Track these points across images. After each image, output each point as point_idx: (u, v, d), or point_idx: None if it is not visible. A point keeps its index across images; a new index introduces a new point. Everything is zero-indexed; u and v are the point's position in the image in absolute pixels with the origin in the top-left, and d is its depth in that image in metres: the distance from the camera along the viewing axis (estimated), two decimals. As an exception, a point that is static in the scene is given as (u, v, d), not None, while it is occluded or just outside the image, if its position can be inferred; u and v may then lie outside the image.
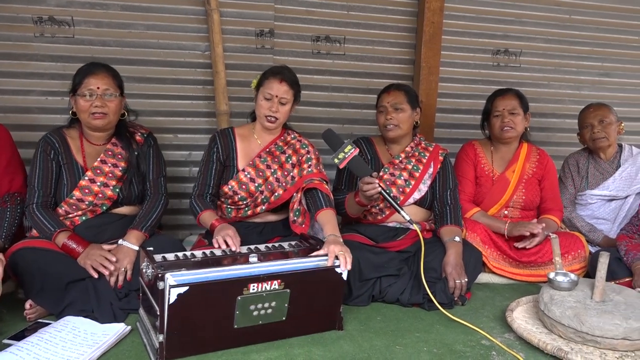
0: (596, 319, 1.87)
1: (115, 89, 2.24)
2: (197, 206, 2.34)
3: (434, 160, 2.66)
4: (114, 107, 2.24)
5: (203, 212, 2.31)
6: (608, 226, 2.95)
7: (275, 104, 2.37)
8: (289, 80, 2.39)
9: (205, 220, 2.29)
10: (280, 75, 2.38)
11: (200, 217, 2.31)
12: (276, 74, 2.39)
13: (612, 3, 3.60)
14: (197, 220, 2.33)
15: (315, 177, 2.40)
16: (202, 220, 2.31)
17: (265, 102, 2.38)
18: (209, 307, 1.72)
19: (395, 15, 3.34)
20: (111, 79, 2.23)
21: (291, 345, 1.87)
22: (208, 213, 2.30)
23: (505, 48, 3.52)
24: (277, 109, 2.38)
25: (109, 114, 2.22)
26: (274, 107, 2.37)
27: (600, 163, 3.04)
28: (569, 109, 3.61)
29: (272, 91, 2.36)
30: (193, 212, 2.36)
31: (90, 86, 2.18)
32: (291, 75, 2.42)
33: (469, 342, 1.96)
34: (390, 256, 2.41)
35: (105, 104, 2.20)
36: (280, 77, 2.37)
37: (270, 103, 2.37)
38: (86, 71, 2.21)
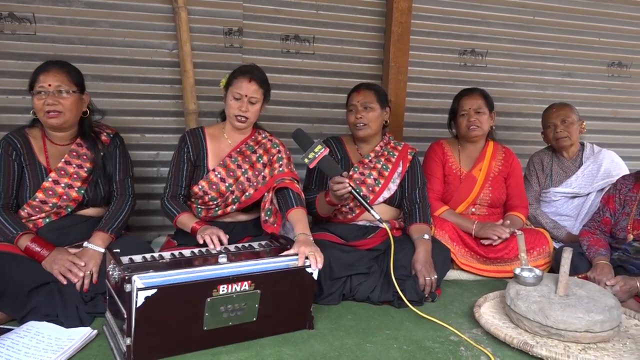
0: (560, 313, 1.93)
1: (69, 86, 2.17)
2: (172, 208, 2.30)
3: (402, 159, 2.69)
4: (69, 105, 2.17)
5: (181, 214, 2.27)
6: (571, 222, 3.04)
7: (244, 104, 2.35)
8: (258, 79, 2.38)
9: (185, 222, 2.25)
10: (250, 75, 2.36)
11: (178, 219, 2.27)
12: (245, 73, 2.37)
13: (573, 5, 3.70)
14: (174, 223, 2.30)
15: (286, 177, 2.39)
16: (180, 222, 2.27)
17: (234, 102, 2.36)
18: (177, 310, 1.70)
19: (364, 15, 3.36)
20: (64, 75, 2.16)
21: (262, 345, 1.86)
22: (187, 216, 2.27)
23: (471, 48, 3.58)
24: (246, 108, 2.36)
25: (63, 112, 2.16)
26: (244, 107, 2.35)
27: (563, 161, 3.12)
28: (533, 108, 3.70)
29: (242, 91, 2.35)
30: (168, 215, 2.32)
31: (41, 84, 2.13)
32: (260, 74, 2.41)
33: (438, 338, 1.99)
34: (361, 255, 2.42)
35: (59, 101, 2.14)
36: (250, 77, 2.36)
37: (239, 103, 2.36)
38: (39, 69, 2.16)
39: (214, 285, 1.73)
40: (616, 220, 2.55)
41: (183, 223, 2.25)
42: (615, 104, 3.92)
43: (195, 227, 2.18)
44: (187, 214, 2.28)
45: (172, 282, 1.67)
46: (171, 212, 2.30)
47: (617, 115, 3.94)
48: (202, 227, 2.15)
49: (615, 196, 2.60)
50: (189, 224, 2.22)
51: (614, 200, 2.60)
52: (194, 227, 2.19)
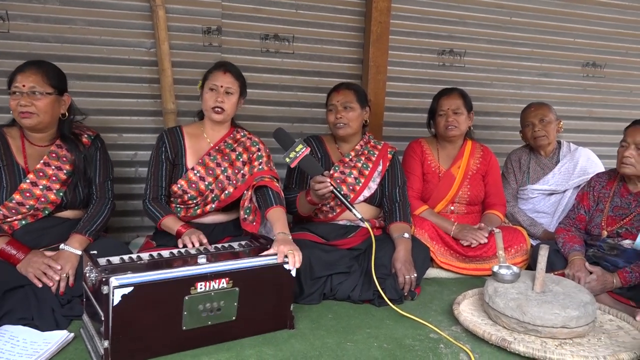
0: (537, 309, 1.96)
1: (44, 87, 2.12)
2: (156, 211, 2.29)
3: (382, 159, 2.70)
4: (43, 106, 2.12)
5: (165, 217, 2.26)
6: (548, 219, 3.09)
7: (221, 94, 2.35)
8: (233, 71, 2.40)
9: (170, 225, 2.24)
10: (224, 67, 2.39)
11: (163, 222, 2.26)
12: (219, 66, 2.41)
13: (549, 6, 3.75)
14: (158, 225, 2.28)
15: (265, 175, 2.39)
16: (165, 225, 2.25)
17: (210, 94, 2.36)
18: (155, 309, 1.68)
19: (343, 14, 3.36)
20: (40, 76, 2.12)
21: (242, 346, 1.85)
22: (172, 219, 2.26)
23: (450, 48, 3.61)
24: (223, 99, 2.35)
25: (37, 113, 2.11)
26: (220, 97, 2.35)
27: (540, 159, 3.17)
28: (511, 108, 3.74)
29: (217, 82, 2.36)
30: (152, 217, 2.30)
31: (17, 84, 2.09)
32: (235, 69, 2.44)
33: (418, 336, 2.01)
34: (341, 254, 2.43)
35: (32, 102, 2.09)
36: (224, 69, 2.39)
37: (216, 94, 2.36)
38: (18, 69, 2.12)
39: (191, 282, 1.72)
40: (591, 217, 2.60)
41: (168, 226, 2.24)
42: (590, 103, 3.99)
43: (181, 230, 2.18)
44: (172, 217, 2.27)
45: (148, 280, 1.66)
46: (155, 215, 2.28)
47: (592, 114, 4.01)
48: (187, 231, 2.15)
49: (589, 193, 2.65)
50: (174, 227, 2.21)
51: (588, 197, 2.64)
52: (179, 230, 2.18)
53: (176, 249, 2.03)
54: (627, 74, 4.02)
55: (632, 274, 2.29)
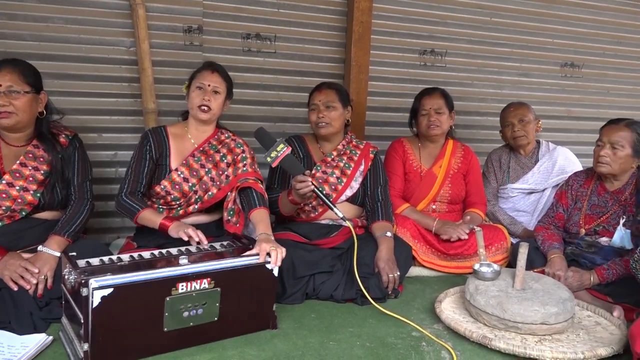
0: (517, 306, 1.98)
1: (21, 86, 2.08)
2: (133, 204, 2.23)
3: (364, 158, 2.71)
4: (21, 105, 2.08)
5: (144, 210, 2.21)
6: (528, 218, 3.13)
7: (208, 93, 2.34)
8: (221, 72, 2.41)
9: (150, 218, 2.19)
10: (212, 67, 2.40)
11: (141, 215, 2.20)
12: (208, 66, 2.41)
13: (528, 7, 3.80)
14: (135, 219, 2.23)
15: (250, 177, 2.38)
16: (144, 218, 2.20)
17: (197, 92, 2.35)
18: (136, 310, 1.66)
19: (325, 14, 3.36)
20: (17, 75, 2.08)
21: (224, 347, 1.84)
22: (149, 212, 2.21)
23: (431, 48, 3.63)
24: (210, 97, 2.34)
25: (15, 112, 2.08)
26: (207, 96, 2.34)
27: (520, 158, 3.21)
28: (491, 107, 3.78)
29: (205, 81, 2.35)
30: (128, 211, 2.23)
31: None
32: (223, 69, 2.44)
33: (400, 335, 2.02)
34: (324, 253, 2.43)
35: (10, 102, 2.05)
36: (212, 69, 2.39)
37: (203, 92, 2.35)
38: None
39: (172, 283, 1.71)
40: (569, 216, 2.64)
41: (148, 218, 2.19)
42: (568, 103, 4.05)
43: (165, 223, 2.14)
44: (151, 210, 2.23)
45: (129, 281, 1.64)
46: (132, 208, 2.22)
47: (570, 114, 4.07)
48: (176, 224, 2.12)
49: (567, 192, 2.69)
50: (156, 219, 2.17)
51: (566, 196, 2.69)
52: (162, 223, 2.14)
53: (157, 250, 2.01)
54: (604, 74, 4.09)
55: (609, 271, 2.33)
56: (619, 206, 2.49)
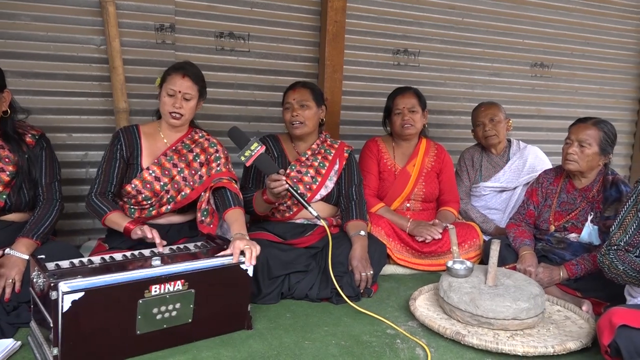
0: (489, 302, 2.01)
1: None
2: (102, 205, 2.19)
3: (339, 157, 2.72)
4: None
5: (112, 212, 2.17)
6: (499, 216, 3.18)
7: (178, 100, 2.30)
8: (192, 75, 2.33)
9: (116, 221, 2.15)
10: (183, 71, 2.32)
11: (108, 217, 2.17)
12: (178, 69, 2.33)
13: (499, 8, 3.86)
14: (102, 221, 2.19)
15: (224, 176, 2.36)
16: (111, 221, 2.16)
17: (168, 99, 2.31)
18: (107, 314, 1.63)
19: (299, 13, 3.36)
20: None
21: (199, 348, 1.83)
22: (117, 214, 2.17)
23: (404, 48, 3.66)
24: (180, 104, 2.30)
25: None
26: (178, 103, 2.30)
27: (492, 157, 3.26)
28: (463, 107, 3.83)
29: (175, 87, 2.29)
30: (97, 212, 2.19)
31: None
32: (195, 71, 2.37)
33: (375, 333, 2.03)
34: (299, 252, 2.43)
35: None
36: (183, 73, 2.31)
37: (173, 99, 2.30)
38: None
39: (145, 285, 1.68)
40: (539, 213, 2.70)
41: (114, 221, 2.16)
42: (538, 102, 4.13)
43: (129, 227, 2.10)
44: (119, 212, 2.19)
45: (100, 284, 1.61)
46: (100, 209, 2.18)
47: (540, 113, 4.16)
48: (136, 227, 2.09)
49: (538, 190, 2.74)
50: (122, 222, 2.13)
51: (537, 193, 2.74)
52: (127, 226, 2.11)
53: (129, 252, 1.98)
54: (572, 74, 4.18)
55: (578, 266, 2.39)
56: (587, 203, 2.55)
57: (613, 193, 2.48)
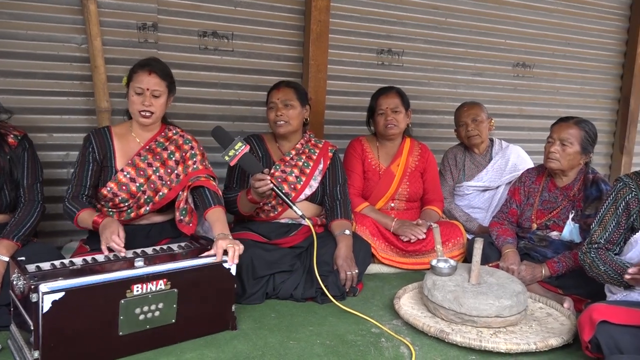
0: (473, 300, 2.03)
1: None
2: (72, 207, 2.16)
3: (323, 157, 2.72)
4: None
5: (80, 212, 2.14)
6: (483, 214, 3.21)
7: (147, 98, 2.26)
8: (159, 71, 2.28)
9: (85, 219, 2.12)
10: (149, 67, 2.26)
11: (78, 218, 2.14)
12: (144, 66, 2.27)
13: (482, 8, 3.89)
14: (75, 223, 2.16)
15: (201, 174, 2.33)
16: (81, 221, 2.14)
17: (136, 97, 2.26)
18: (89, 315, 1.62)
19: (282, 12, 3.35)
20: None
21: (182, 349, 1.82)
22: (86, 212, 2.14)
23: (388, 48, 3.67)
24: (150, 102, 2.26)
25: None
26: (147, 101, 2.25)
27: (475, 157, 3.29)
28: (447, 106, 3.86)
29: (142, 84, 2.25)
30: (69, 215, 2.18)
31: None
32: (161, 66, 2.31)
33: (360, 332, 2.03)
34: (283, 252, 2.42)
35: None
36: (149, 69, 2.26)
37: (142, 97, 2.26)
38: None
39: (127, 285, 1.67)
40: (522, 211, 2.72)
41: (84, 221, 2.13)
42: (520, 102, 4.17)
43: (97, 221, 2.07)
44: (87, 210, 2.15)
45: (81, 284, 1.59)
46: (71, 212, 2.16)
47: (522, 112, 4.20)
48: (103, 222, 2.05)
49: (520, 188, 2.77)
50: (89, 220, 2.10)
51: (519, 192, 2.77)
52: (95, 221, 2.08)
53: (112, 253, 1.96)
54: (553, 74, 4.23)
55: (560, 264, 2.42)
56: (568, 201, 2.58)
57: (593, 191, 2.51)
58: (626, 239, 2.04)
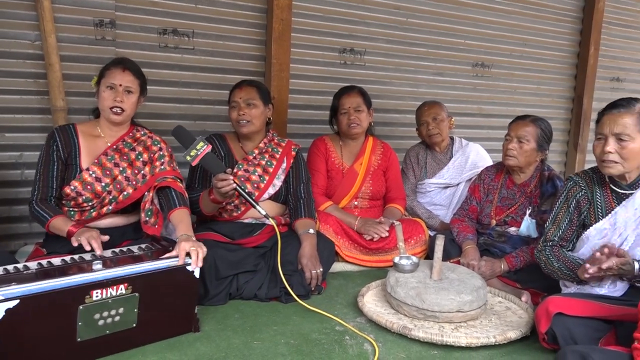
0: (434, 296, 2.06)
1: None
2: (44, 212, 2.11)
3: (287, 156, 2.71)
4: None
5: (54, 217, 2.09)
6: (444, 211, 3.27)
7: (120, 94, 2.22)
8: (132, 69, 2.28)
9: (59, 226, 2.07)
10: (123, 65, 2.27)
11: (52, 223, 2.09)
12: (118, 63, 2.27)
13: (442, 9, 3.96)
14: (47, 228, 2.11)
15: (168, 175, 2.30)
16: (54, 227, 2.09)
17: (109, 93, 2.22)
18: (45, 322, 1.56)
19: (244, 10, 3.32)
20: None
21: (144, 353, 1.78)
22: (61, 219, 2.10)
23: (351, 47, 3.69)
24: (122, 98, 2.23)
25: None
26: (119, 97, 2.22)
27: (436, 155, 3.34)
28: (408, 105, 3.90)
29: (116, 80, 2.22)
30: (39, 219, 2.12)
31: None
32: (135, 66, 2.32)
33: (324, 330, 2.04)
34: (247, 252, 2.41)
35: None
36: (123, 66, 2.26)
37: (114, 93, 2.22)
38: None
39: (86, 291, 1.62)
40: (482, 208, 2.79)
41: (57, 227, 2.08)
42: (479, 101, 4.27)
43: (72, 230, 2.03)
44: (61, 217, 2.11)
45: (36, 291, 1.54)
46: (42, 217, 2.11)
47: (481, 111, 4.30)
48: (79, 230, 2.01)
49: (480, 186, 2.83)
50: (64, 227, 2.05)
51: (479, 189, 2.83)
52: (70, 230, 2.03)
53: (69, 256, 1.90)
54: (511, 74, 4.34)
55: (517, 259, 2.49)
56: (525, 198, 2.66)
57: (549, 188, 2.59)
58: (578, 235, 2.11)
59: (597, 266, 1.84)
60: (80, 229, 2.04)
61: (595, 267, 1.85)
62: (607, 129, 1.93)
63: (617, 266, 1.83)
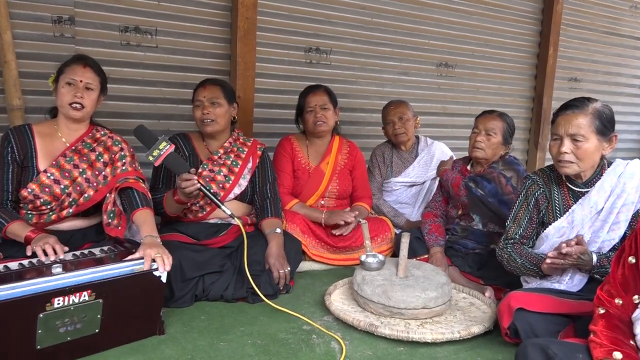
0: (400, 293, 2.09)
1: None
2: (0, 217, 2.05)
3: (252, 155, 2.70)
4: None
5: (12, 222, 2.02)
6: (410, 210, 3.31)
7: (80, 90, 2.17)
8: (93, 66, 2.24)
9: (17, 231, 2.01)
10: (83, 61, 2.22)
11: (9, 229, 2.02)
12: (78, 60, 2.23)
13: (406, 9, 4.00)
14: (3, 233, 2.04)
15: (130, 176, 2.25)
16: (11, 232, 2.02)
17: (67, 89, 2.17)
18: (2, 330, 1.51)
19: (208, 8, 3.28)
20: None
21: (107, 358, 1.74)
22: (18, 224, 2.03)
23: (316, 46, 3.70)
24: (82, 94, 2.17)
25: None
26: (79, 93, 2.17)
27: (401, 154, 3.38)
28: (374, 104, 3.93)
29: (76, 76, 2.17)
30: None
31: None
32: (96, 64, 2.27)
33: (291, 329, 2.04)
34: (213, 253, 2.38)
35: None
36: (84, 63, 2.21)
37: (74, 89, 2.17)
38: None
39: (47, 298, 1.57)
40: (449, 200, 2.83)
41: (14, 233, 2.02)
42: (443, 100, 4.34)
43: (30, 235, 1.97)
44: (19, 222, 2.05)
45: (-8, 299, 1.48)
46: None
47: (445, 110, 4.36)
48: (37, 237, 1.95)
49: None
50: (22, 233, 1.99)
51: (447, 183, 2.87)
52: (28, 235, 1.97)
53: (27, 260, 1.84)
54: (474, 74, 4.43)
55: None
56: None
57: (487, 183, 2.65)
58: (538, 233, 2.16)
59: (557, 251, 1.90)
60: (38, 234, 1.97)
61: (555, 252, 1.91)
62: (562, 129, 1.98)
63: (576, 254, 1.87)
